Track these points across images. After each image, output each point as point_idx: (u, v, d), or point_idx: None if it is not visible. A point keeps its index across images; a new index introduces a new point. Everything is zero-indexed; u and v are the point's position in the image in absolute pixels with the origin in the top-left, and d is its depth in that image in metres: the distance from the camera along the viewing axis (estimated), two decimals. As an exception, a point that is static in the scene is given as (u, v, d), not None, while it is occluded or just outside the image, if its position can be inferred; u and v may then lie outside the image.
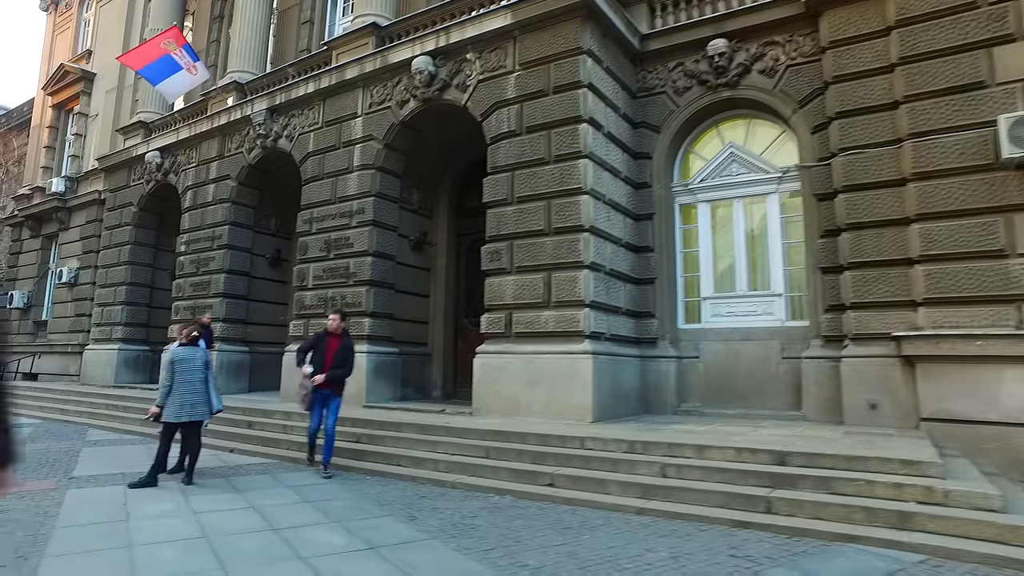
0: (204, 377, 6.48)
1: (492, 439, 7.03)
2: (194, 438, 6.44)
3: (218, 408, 6.57)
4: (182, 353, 6.40)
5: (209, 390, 6.49)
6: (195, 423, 6.42)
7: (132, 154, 15.18)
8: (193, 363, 6.40)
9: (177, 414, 6.25)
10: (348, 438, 7.88)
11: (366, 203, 10.41)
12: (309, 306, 10.80)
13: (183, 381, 6.30)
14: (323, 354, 6.94)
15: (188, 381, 6.33)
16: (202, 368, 6.48)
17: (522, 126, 9.01)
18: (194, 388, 6.37)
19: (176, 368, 6.32)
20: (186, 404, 6.28)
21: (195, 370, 6.40)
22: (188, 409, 6.28)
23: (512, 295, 8.74)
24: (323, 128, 11.30)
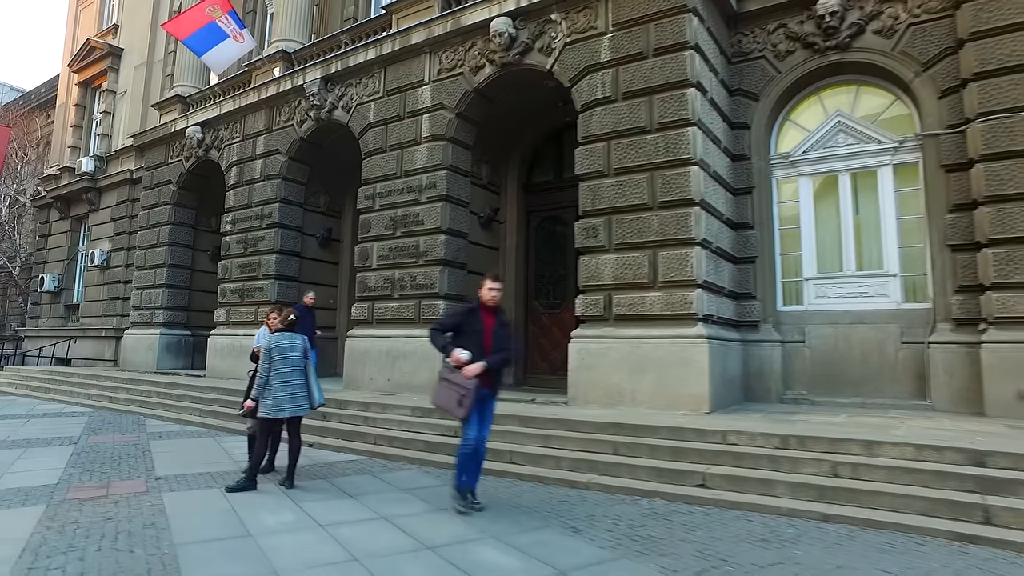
0: (304, 367, 5.62)
1: (615, 432, 6.23)
2: (295, 436, 5.61)
3: (320, 402, 5.71)
4: (280, 340, 5.54)
5: (310, 381, 5.63)
6: (296, 419, 5.59)
7: (170, 130, 14.21)
8: (292, 351, 5.55)
9: (276, 409, 5.41)
10: (442, 431, 7.08)
11: (437, 177, 9.51)
12: (374, 288, 9.94)
13: (282, 372, 5.45)
14: (479, 335, 4.77)
15: (287, 372, 5.47)
16: (302, 357, 5.62)
17: (618, 92, 8.10)
18: (294, 380, 5.52)
19: (274, 357, 5.46)
20: (286, 397, 5.43)
21: (295, 360, 5.55)
22: (289, 403, 5.44)
23: (612, 275, 7.89)
24: (385, 98, 10.36)
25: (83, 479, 5.63)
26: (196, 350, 14.29)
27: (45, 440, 7.63)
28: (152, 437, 7.94)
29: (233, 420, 8.74)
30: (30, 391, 13.20)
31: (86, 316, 17.64)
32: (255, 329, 11.60)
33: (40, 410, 10.56)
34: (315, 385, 5.66)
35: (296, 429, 5.63)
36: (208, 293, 14.66)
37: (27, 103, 28.49)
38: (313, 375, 5.69)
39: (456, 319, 5.02)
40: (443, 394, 4.73)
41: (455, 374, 4.68)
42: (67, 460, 6.45)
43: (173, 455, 6.80)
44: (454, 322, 5.00)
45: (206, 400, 9.74)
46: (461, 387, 4.61)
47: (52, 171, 19.99)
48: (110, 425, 8.93)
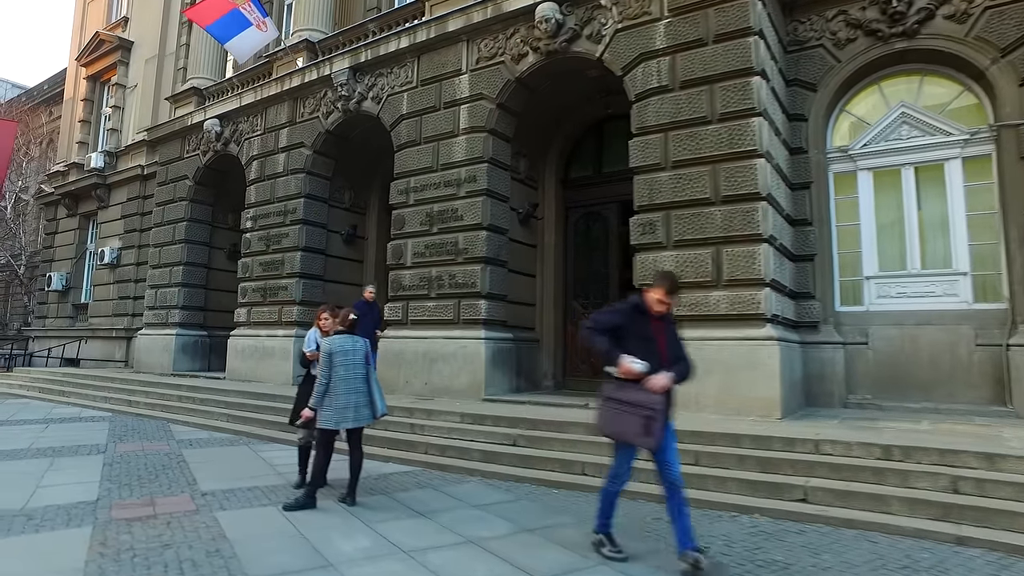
0: (366, 373, 5.11)
1: (693, 441, 5.75)
2: (356, 448, 5.10)
3: (383, 411, 5.18)
4: (341, 344, 5.01)
5: (372, 389, 5.11)
6: (357, 430, 5.07)
7: (186, 123, 13.64)
8: (355, 356, 5.04)
9: (337, 419, 4.89)
10: (500, 440, 6.59)
11: (477, 170, 9.01)
12: (409, 287, 9.43)
13: (344, 378, 4.93)
14: (651, 342, 3.73)
15: (349, 378, 4.96)
16: (363, 362, 5.11)
17: (676, 81, 7.63)
18: (356, 387, 5.00)
19: (335, 362, 4.94)
20: (349, 407, 4.91)
21: (357, 364, 5.03)
22: (352, 413, 4.92)
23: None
24: (419, 88, 9.85)
25: (123, 495, 5.11)
26: (212, 351, 13.75)
27: (70, 448, 7.09)
28: (183, 445, 7.42)
29: (265, 427, 8.23)
30: (43, 393, 12.62)
31: (95, 316, 17.05)
32: (279, 330, 11.16)
33: (57, 414, 10.00)
34: (377, 393, 5.15)
35: (358, 441, 5.12)
36: (225, 292, 14.15)
37: (30, 100, 27.85)
38: (375, 381, 5.18)
39: (617, 319, 3.82)
40: (617, 419, 3.65)
41: (630, 391, 3.60)
42: (100, 472, 5.93)
43: (212, 466, 6.28)
44: (615, 322, 3.81)
45: (233, 405, 9.21)
46: (645, 407, 3.54)
47: (59, 167, 19.38)
48: (134, 431, 8.40)
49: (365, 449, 6.47)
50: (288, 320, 11.03)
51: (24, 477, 5.64)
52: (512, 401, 8.18)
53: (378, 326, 8.72)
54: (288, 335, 10.91)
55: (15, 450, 6.93)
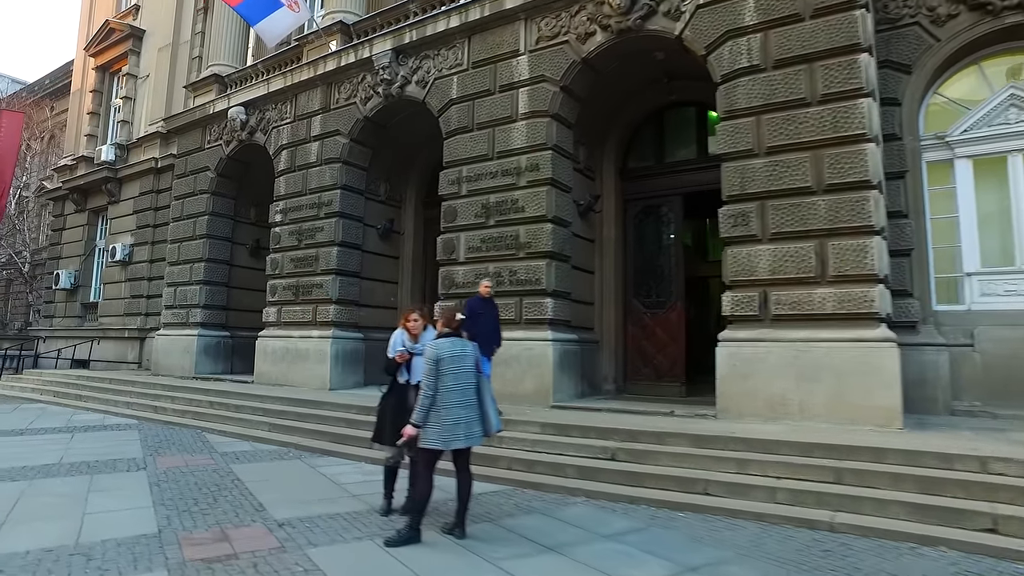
0: (478, 383, 4.34)
1: (824, 455, 5.05)
2: (464, 470, 4.34)
3: (498, 428, 4.41)
4: (450, 349, 4.24)
5: (485, 401, 4.34)
6: (466, 450, 4.31)
7: (208, 112, 12.81)
8: (464, 363, 4.27)
9: (446, 438, 4.12)
10: (596, 453, 5.85)
11: (540, 158, 8.27)
12: (462, 284, 8.67)
13: (452, 389, 4.17)
14: None
15: (459, 389, 4.19)
16: (475, 370, 4.34)
17: (768, 60, 6.92)
18: (468, 400, 4.23)
19: (443, 370, 4.18)
20: (460, 423, 4.15)
21: (467, 373, 4.27)
22: (462, 430, 4.15)
23: (768, 269, 6.71)
24: (470, 70, 9.09)
25: (186, 524, 4.34)
26: (235, 353, 12.92)
27: (106, 463, 6.29)
28: (228, 459, 6.63)
29: (312, 437, 7.45)
30: (58, 398, 11.76)
31: (106, 315, 16.16)
32: (313, 331, 10.35)
33: (79, 421, 9.18)
34: (492, 406, 4.37)
35: (466, 462, 4.35)
36: (248, 291, 13.36)
37: (31, 94, 26.86)
38: (489, 392, 4.40)
39: None
40: None
41: None
42: (149, 493, 5.15)
43: (272, 486, 5.50)
44: None
45: (273, 412, 8.42)
46: None
47: (67, 161, 18.47)
48: (169, 442, 7.59)
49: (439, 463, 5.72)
50: (324, 320, 10.24)
51: (66, 501, 4.86)
52: (585, 408, 7.45)
53: (496, 328, 6.92)
54: (324, 336, 10.12)
55: (46, 466, 6.13)
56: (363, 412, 7.79)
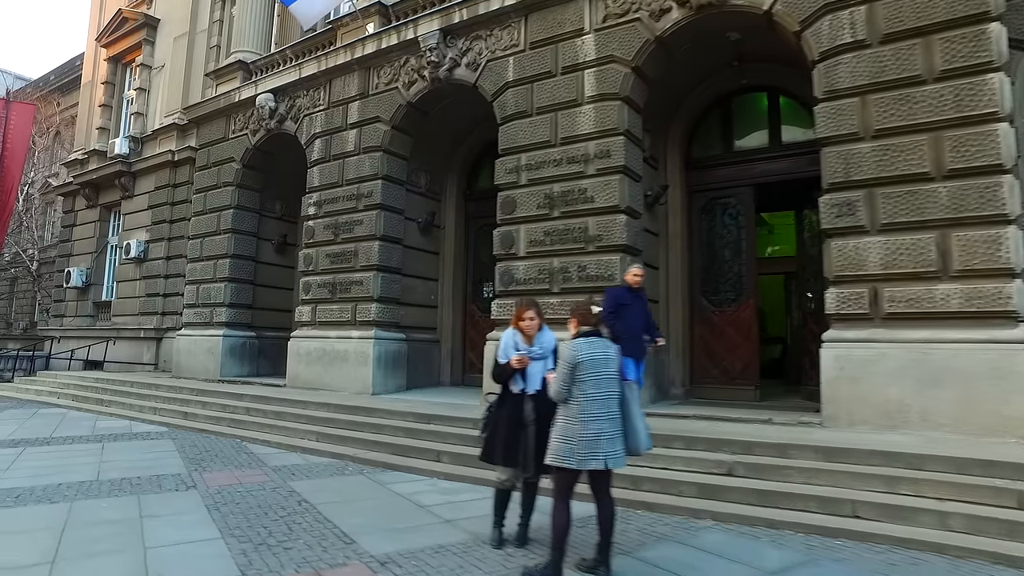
0: (622, 393, 3.63)
1: (987, 473, 4.37)
2: (605, 495, 3.62)
3: (647, 446, 3.70)
4: (589, 350, 3.52)
5: (631, 414, 3.62)
6: (605, 472, 3.58)
7: (233, 100, 12.04)
8: (607, 367, 3.56)
9: (582, 456, 3.42)
10: (710, 468, 5.17)
11: (612, 144, 7.56)
12: (523, 280, 7.96)
13: (592, 398, 3.47)
14: None
15: (601, 399, 3.49)
16: (619, 377, 3.63)
17: (875, 33, 6.23)
18: (610, 411, 3.52)
19: (580, 377, 3.48)
20: (600, 439, 3.44)
21: (610, 379, 3.56)
22: (603, 448, 3.44)
23: (879, 263, 6.02)
24: (528, 51, 8.38)
25: (270, 564, 3.62)
26: (262, 354, 12.17)
27: (149, 480, 5.55)
28: (283, 475, 5.89)
29: (368, 448, 6.74)
30: (77, 402, 10.98)
31: (120, 315, 15.35)
32: (353, 331, 9.60)
33: (105, 429, 8.42)
34: (640, 419, 3.66)
35: (606, 486, 3.63)
36: (273, 289, 12.65)
37: (36, 90, 26.02)
38: (636, 403, 3.68)
39: None
40: None
41: None
42: (211, 520, 4.42)
43: (348, 510, 4.78)
44: None
45: (319, 420, 7.69)
46: None
47: (77, 155, 17.65)
48: (210, 454, 6.85)
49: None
50: (364, 319, 9.50)
51: (120, 531, 4.13)
52: (669, 415, 6.74)
53: (648, 323, 5.91)
54: (365, 336, 9.38)
55: (84, 484, 5.39)
56: (422, 420, 7.09)
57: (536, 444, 3.90)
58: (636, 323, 5.64)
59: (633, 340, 5.50)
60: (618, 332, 5.16)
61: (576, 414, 3.49)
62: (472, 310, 10.83)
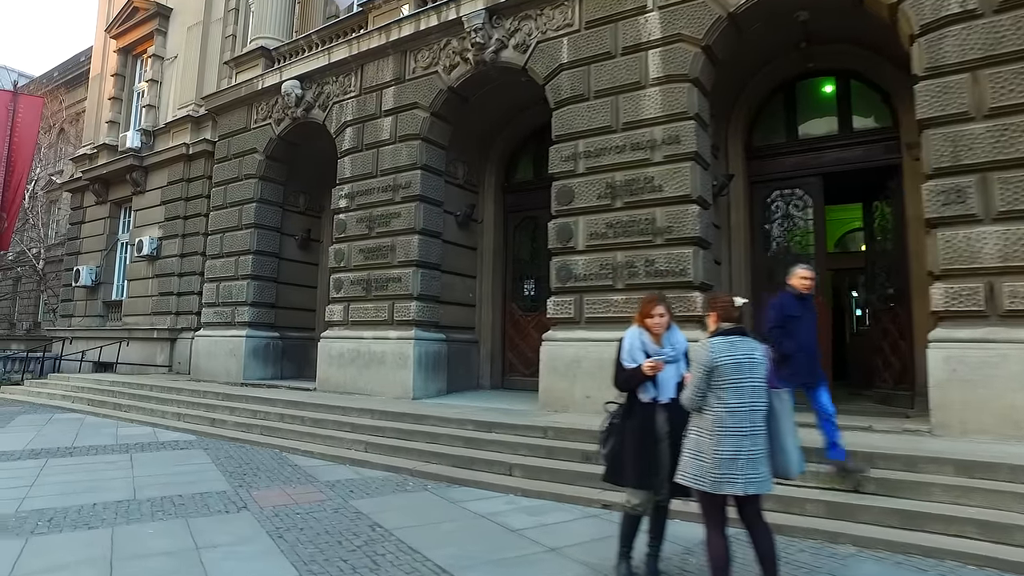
0: (770, 403, 3.02)
1: None
2: (758, 522, 3.01)
3: (800, 469, 3.08)
4: (729, 351, 2.94)
5: (780, 429, 3.01)
6: (753, 497, 2.97)
7: (255, 88, 11.37)
8: (753, 372, 2.96)
9: (718, 477, 2.83)
10: (830, 482, 4.52)
11: (681, 130, 6.94)
12: (583, 276, 7.34)
13: (733, 410, 2.88)
14: None
15: (742, 410, 2.89)
16: (766, 385, 3.02)
17: (989, 2, 5.63)
18: (754, 426, 2.93)
19: (719, 383, 2.90)
20: (740, 458, 2.84)
21: (755, 387, 2.95)
22: (742, 468, 2.84)
23: (996, 255, 5.42)
24: (583, 31, 7.76)
25: (368, 608, 2.97)
26: (285, 355, 11.52)
27: (193, 499, 4.90)
28: (340, 492, 5.25)
29: (427, 459, 6.10)
30: (93, 406, 10.29)
31: (131, 314, 14.64)
32: (391, 331, 8.93)
33: (128, 437, 7.75)
34: (790, 436, 3.04)
35: (757, 512, 3.02)
36: (297, 287, 12.02)
37: (40, 87, 25.24)
38: (787, 416, 3.07)
39: None
40: None
41: None
42: (278, 550, 3.79)
43: (429, 535, 4.15)
44: None
45: (364, 428, 7.04)
46: None
47: (86, 150, 16.91)
48: (251, 467, 6.20)
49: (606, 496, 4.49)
50: (403, 319, 8.86)
51: (177, 564, 3.50)
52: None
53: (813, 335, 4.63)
54: (404, 337, 8.73)
55: (121, 503, 4.74)
56: (481, 428, 6.46)
57: (670, 461, 3.31)
58: (811, 339, 4.56)
59: (809, 360, 4.47)
60: (788, 351, 4.35)
61: (710, 427, 2.91)
62: (512, 308, 10.19)
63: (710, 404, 2.96)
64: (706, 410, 2.97)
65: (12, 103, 14.68)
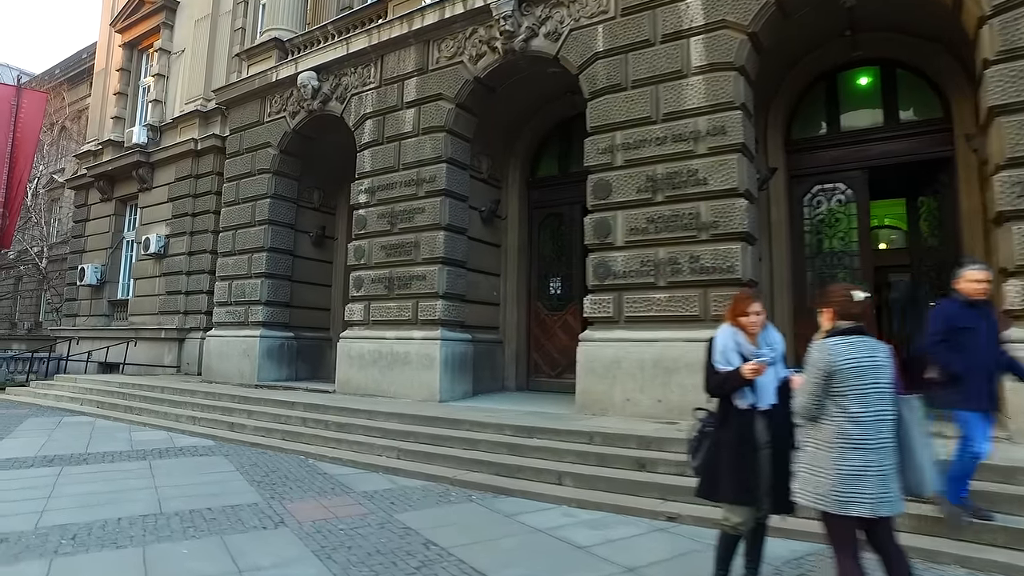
0: (899, 414, 2.66)
1: None
2: (891, 546, 2.65)
3: (936, 485, 2.73)
4: (851, 353, 2.57)
5: (913, 442, 2.65)
6: (885, 520, 2.61)
7: (269, 80, 10.97)
8: (878, 377, 2.59)
9: (843, 496, 2.48)
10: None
11: (727, 120, 6.59)
12: (622, 274, 6.97)
13: (858, 420, 2.52)
14: None
15: (868, 420, 2.53)
16: (894, 392, 2.66)
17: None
18: (881, 438, 2.56)
19: (840, 387, 2.55)
20: (867, 475, 2.48)
21: (881, 394, 2.58)
22: (872, 486, 2.48)
23: (1079, 249, 5.07)
24: (619, 18, 7.40)
25: (450, 646, 2.61)
26: (299, 356, 11.13)
27: (223, 513, 4.53)
28: (380, 503, 4.88)
29: (467, 467, 5.73)
30: (102, 409, 9.89)
31: (137, 314, 14.24)
32: (415, 331, 8.54)
33: (144, 442, 7.35)
34: (925, 450, 2.67)
35: (889, 535, 2.66)
36: (311, 285, 11.65)
37: (41, 84, 24.78)
38: (918, 428, 2.70)
39: None
40: None
41: None
42: (329, 574, 3.40)
43: (491, 554, 3.79)
44: None
45: (395, 433, 6.66)
46: None
47: (91, 146, 16.50)
48: (278, 475, 5.82)
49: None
50: (428, 318, 8.48)
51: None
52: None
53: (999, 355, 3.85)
54: (430, 337, 8.35)
55: (148, 518, 4.35)
56: (522, 434, 6.09)
57: (772, 473, 2.98)
58: (984, 357, 3.73)
59: (980, 381, 3.70)
60: (957, 370, 3.69)
61: (831, 439, 2.56)
62: (537, 307, 9.83)
63: (829, 413, 2.60)
64: (823, 420, 2.62)
65: (16, 98, 14.27)
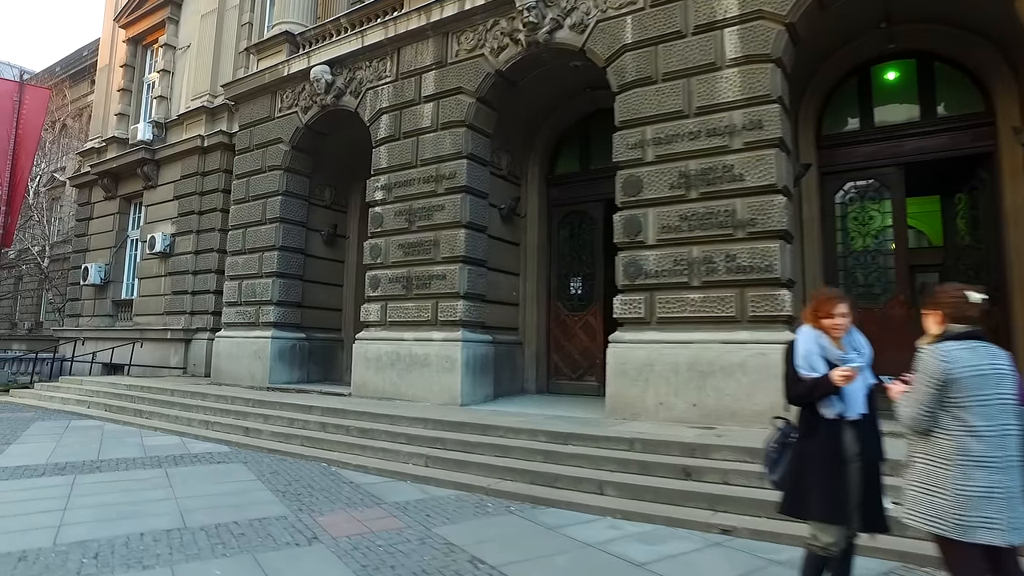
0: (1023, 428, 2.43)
1: None
2: (1018, 571, 2.41)
3: None
4: (969, 360, 2.34)
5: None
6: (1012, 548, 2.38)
7: (280, 74, 10.69)
8: (1001, 386, 2.34)
9: (968, 521, 2.25)
10: None
11: (764, 114, 6.33)
12: (654, 273, 6.72)
13: (980, 435, 2.29)
14: None
15: (992, 435, 2.29)
16: (1018, 403, 2.42)
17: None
18: (1007, 456, 2.31)
19: (959, 398, 2.31)
20: (996, 496, 2.25)
21: (1006, 406, 2.34)
22: (998, 509, 2.24)
23: None
24: (648, 9, 7.16)
25: None
26: (311, 357, 10.86)
27: (251, 527, 4.27)
28: (415, 516, 4.62)
29: (500, 475, 5.48)
30: (110, 412, 9.61)
31: (142, 314, 13.95)
32: (435, 332, 8.24)
33: (157, 448, 7.08)
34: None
35: (1015, 561, 2.42)
36: (323, 285, 11.41)
37: (41, 83, 24.42)
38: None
39: None
40: None
41: None
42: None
43: (543, 572, 3.54)
44: None
45: (421, 439, 6.40)
46: None
47: (94, 143, 16.18)
48: (302, 484, 5.55)
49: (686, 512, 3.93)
50: (448, 319, 8.22)
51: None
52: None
53: None
54: (451, 339, 8.09)
55: (171, 533, 4.08)
56: (556, 440, 5.83)
57: (861, 488, 2.76)
58: None
59: None
60: None
61: (949, 456, 2.33)
62: (557, 308, 9.57)
63: (945, 427, 2.36)
64: (938, 434, 2.38)
65: (18, 94, 13.95)
